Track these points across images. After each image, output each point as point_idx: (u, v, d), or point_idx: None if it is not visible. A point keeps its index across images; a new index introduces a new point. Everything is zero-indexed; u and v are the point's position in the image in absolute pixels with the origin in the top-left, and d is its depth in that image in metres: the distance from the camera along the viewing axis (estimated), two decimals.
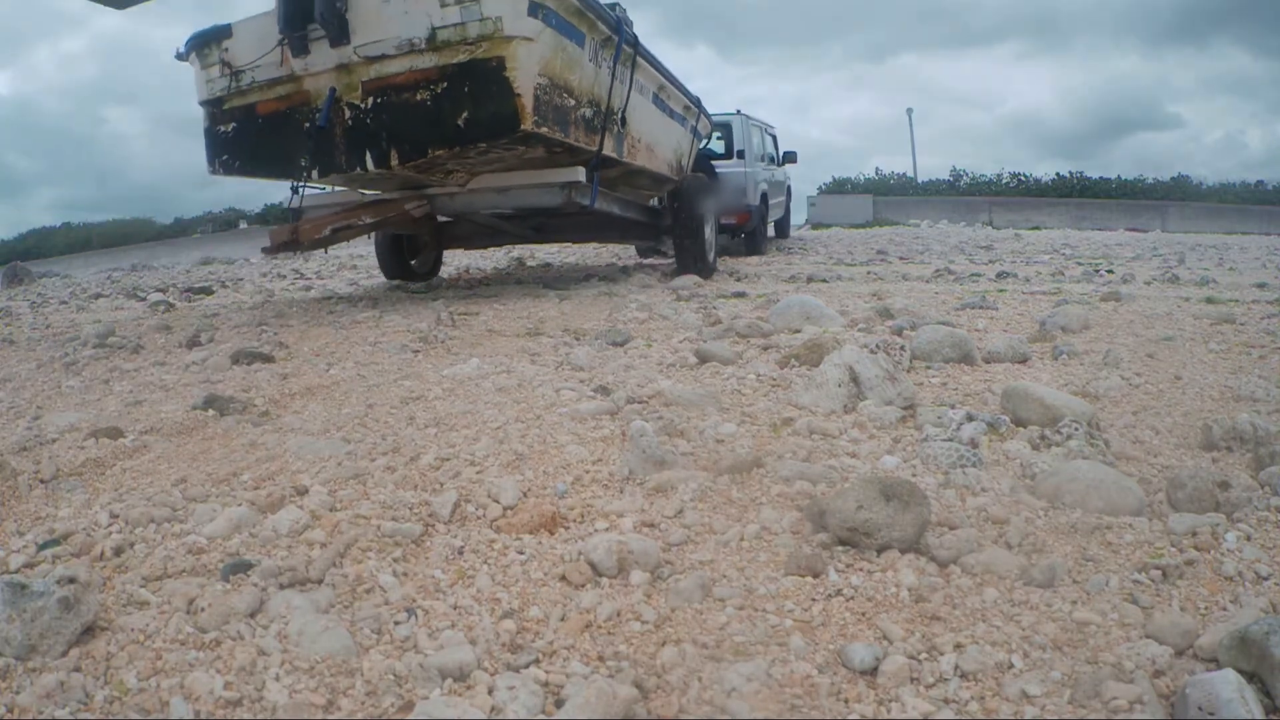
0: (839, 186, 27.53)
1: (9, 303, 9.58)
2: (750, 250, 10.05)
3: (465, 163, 4.58)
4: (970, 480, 1.98)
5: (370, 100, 4.16)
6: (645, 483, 2.00)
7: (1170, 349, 3.70)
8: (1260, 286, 6.46)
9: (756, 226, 9.96)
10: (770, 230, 12.13)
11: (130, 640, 1.33)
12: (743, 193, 9.07)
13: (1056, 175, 27.14)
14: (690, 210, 6.09)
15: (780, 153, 12.84)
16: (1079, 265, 8.95)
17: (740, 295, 6.24)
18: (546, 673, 1.26)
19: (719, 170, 8.72)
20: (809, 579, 1.53)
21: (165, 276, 13.15)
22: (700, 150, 7.70)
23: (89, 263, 22.47)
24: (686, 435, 2.37)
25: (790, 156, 13.04)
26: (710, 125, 7.78)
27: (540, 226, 5.94)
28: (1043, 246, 12.67)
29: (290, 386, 3.39)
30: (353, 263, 13.22)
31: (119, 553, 1.68)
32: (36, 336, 5.77)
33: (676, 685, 1.22)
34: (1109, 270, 8.17)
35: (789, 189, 13.97)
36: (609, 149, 5.00)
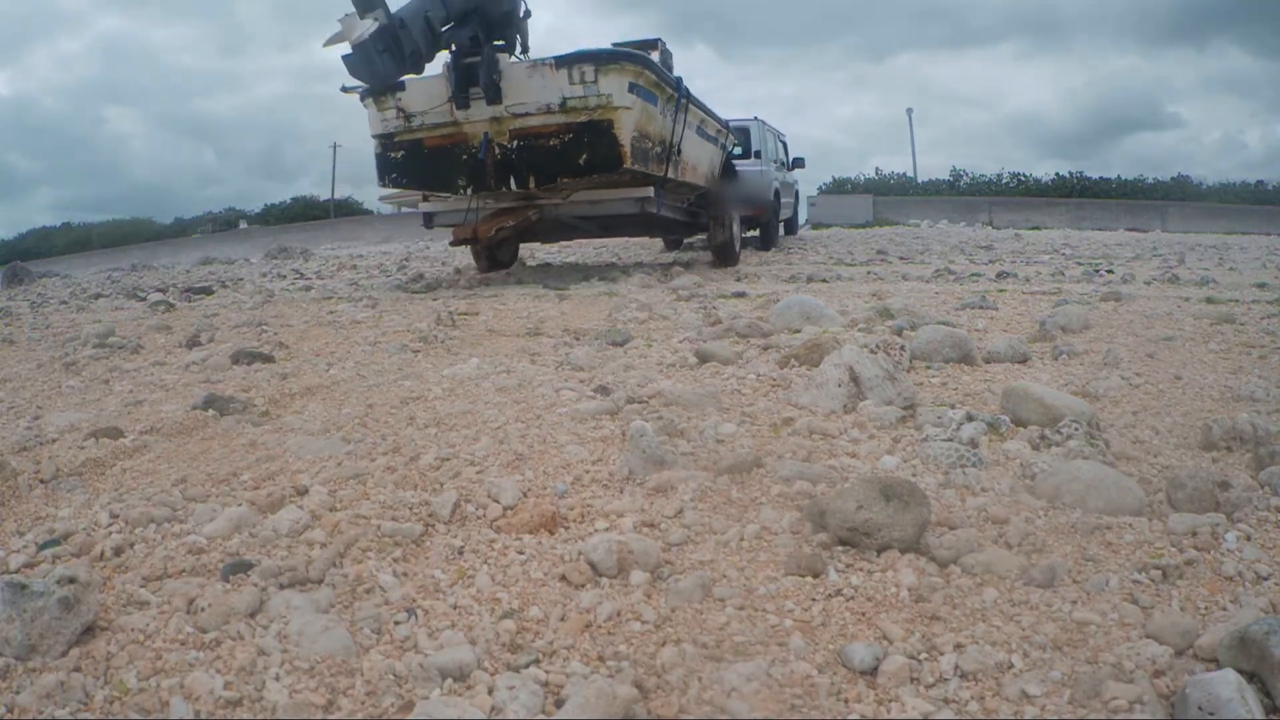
0: (839, 186, 27.54)
1: (9, 303, 9.58)
2: (765, 243, 11.28)
3: (576, 185, 6.37)
4: (970, 480, 1.98)
5: (515, 142, 5.95)
6: (645, 483, 2.00)
7: (1170, 349, 3.70)
8: (1260, 286, 6.46)
9: (770, 220, 11.20)
10: (780, 229, 13.17)
11: (130, 640, 1.33)
12: (760, 188, 10.28)
13: (1056, 175, 27.16)
14: (722, 211, 7.75)
15: (789, 158, 13.67)
16: (1079, 265, 8.95)
17: (740, 295, 6.24)
18: (546, 673, 1.26)
19: (739, 169, 9.91)
20: (809, 579, 1.53)
21: (165, 276, 13.15)
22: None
23: (89, 263, 22.47)
24: (686, 435, 2.37)
25: (799, 162, 13.96)
26: (733, 138, 9.54)
27: (607, 225, 7.57)
28: (1043, 246, 12.67)
29: (290, 386, 3.39)
30: (353, 263, 13.22)
31: (119, 553, 1.68)
32: (36, 336, 5.77)
33: (676, 685, 1.22)
34: (1109, 270, 8.17)
35: (797, 192, 15.15)
36: (670, 173, 6.74)
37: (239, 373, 3.76)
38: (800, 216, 16.36)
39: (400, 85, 5.97)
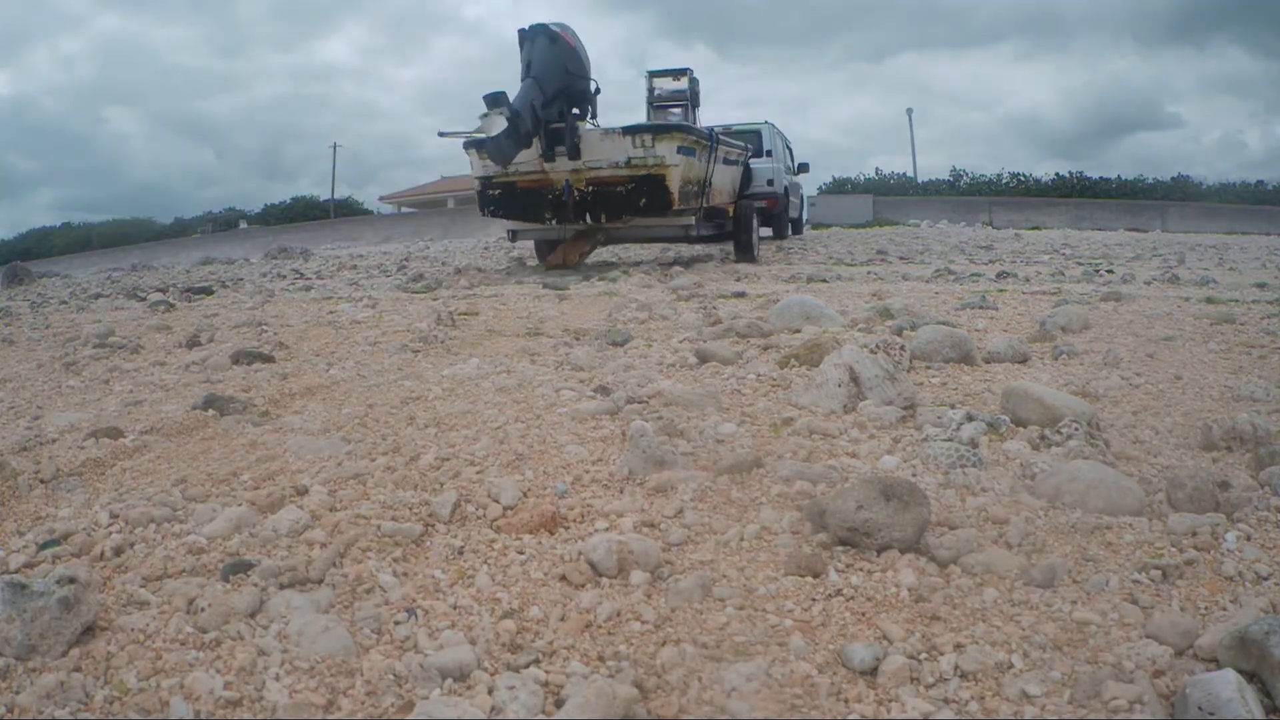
0: (839, 186, 27.56)
1: (9, 303, 9.58)
2: (777, 234, 12.72)
3: (635, 217, 8.32)
4: (970, 480, 1.98)
5: (590, 188, 7.78)
6: (645, 483, 2.00)
7: (1170, 349, 3.70)
8: (1260, 286, 6.46)
9: (782, 213, 12.58)
10: (789, 228, 14.48)
11: (130, 640, 1.33)
12: (771, 181, 11.81)
13: (1056, 175, 27.20)
14: (745, 219, 9.42)
15: (795, 163, 14.75)
16: (1079, 265, 8.95)
17: (740, 295, 6.24)
18: (546, 673, 1.26)
19: (753, 165, 11.39)
20: (809, 579, 1.53)
21: (165, 276, 13.15)
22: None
23: (89, 263, 22.48)
24: (686, 435, 2.37)
25: (804, 167, 15.27)
26: (749, 149, 11.12)
27: (653, 239, 9.68)
28: (1043, 246, 12.67)
29: (290, 386, 3.39)
30: (353, 263, 13.22)
31: (119, 553, 1.68)
32: (36, 336, 5.77)
33: (676, 685, 1.22)
34: (1109, 270, 8.17)
35: (803, 194, 16.48)
36: (705, 203, 8.66)
37: (239, 373, 3.76)
38: (803, 216, 17.39)
39: (484, 141, 7.60)
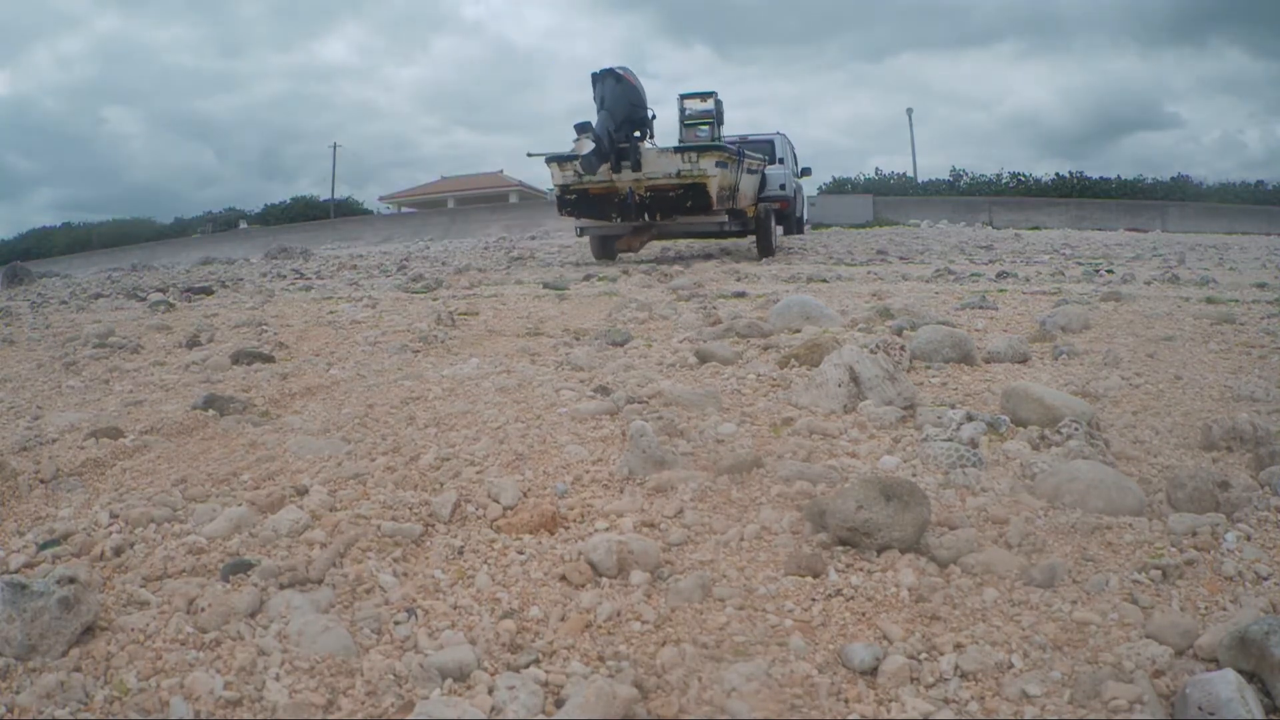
0: (839, 186, 27.56)
1: (9, 303, 9.58)
2: (786, 231, 14.14)
3: (682, 216, 10.26)
4: (970, 480, 1.98)
5: (648, 193, 9.76)
6: (645, 483, 2.00)
7: (1170, 349, 3.70)
8: (1260, 286, 6.46)
9: (791, 212, 13.98)
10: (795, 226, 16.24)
11: (130, 640, 1.33)
12: (783, 186, 13.29)
13: (1056, 175, 27.20)
14: (764, 218, 11.25)
15: (799, 168, 16.03)
16: (1079, 265, 8.95)
17: (740, 295, 6.24)
18: (546, 673, 1.26)
19: (767, 172, 12.80)
20: (809, 579, 1.53)
21: (165, 276, 13.15)
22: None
23: (89, 263, 22.49)
24: (686, 435, 2.37)
25: (806, 171, 16.50)
26: (766, 161, 12.87)
27: (694, 234, 11.69)
28: (1043, 246, 12.67)
29: (290, 386, 3.39)
30: (353, 263, 13.22)
31: (119, 553, 1.68)
32: (36, 336, 5.77)
33: (676, 685, 1.22)
34: (1109, 270, 8.17)
35: (805, 196, 17.93)
36: (733, 205, 10.47)
37: (239, 373, 3.76)
38: (804, 216, 18.26)
39: (573, 157, 9.63)
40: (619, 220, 10.34)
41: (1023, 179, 27.53)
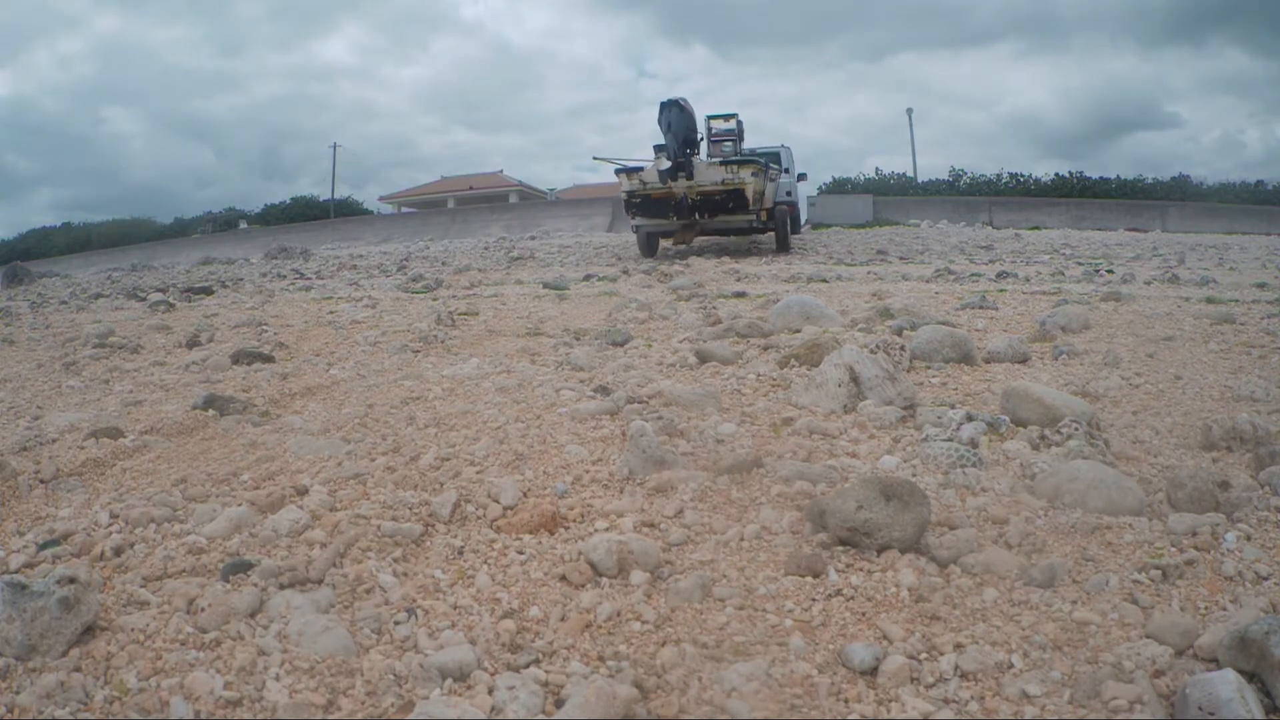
0: (839, 186, 27.53)
1: (9, 303, 9.58)
2: (791, 230, 15.18)
3: (724, 215, 12.24)
4: (970, 480, 1.98)
5: (700, 198, 11.70)
6: (645, 483, 2.00)
7: (1170, 349, 3.70)
8: (1260, 286, 6.46)
9: (796, 215, 16.11)
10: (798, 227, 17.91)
11: (130, 640, 1.33)
12: (790, 192, 15.31)
13: (1056, 175, 27.16)
14: (781, 219, 12.88)
15: (796, 173, 17.45)
16: (1079, 265, 8.95)
17: (740, 295, 6.24)
18: (546, 673, 1.26)
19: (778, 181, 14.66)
20: (809, 579, 1.53)
21: (165, 276, 13.15)
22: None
23: (89, 263, 22.48)
24: (686, 435, 2.37)
25: (803, 176, 17.78)
26: (780, 171, 14.67)
27: (729, 231, 13.24)
28: (1043, 246, 12.67)
29: (290, 386, 3.39)
30: (353, 263, 13.22)
31: (119, 553, 1.68)
32: (36, 336, 5.77)
33: (676, 685, 1.22)
34: (1109, 270, 8.17)
35: (805, 198, 19.56)
36: (762, 207, 12.37)
37: (239, 373, 3.76)
38: (802, 217, 19.30)
39: (639, 169, 11.88)
40: (674, 219, 12.52)
41: (1022, 179, 27.52)
